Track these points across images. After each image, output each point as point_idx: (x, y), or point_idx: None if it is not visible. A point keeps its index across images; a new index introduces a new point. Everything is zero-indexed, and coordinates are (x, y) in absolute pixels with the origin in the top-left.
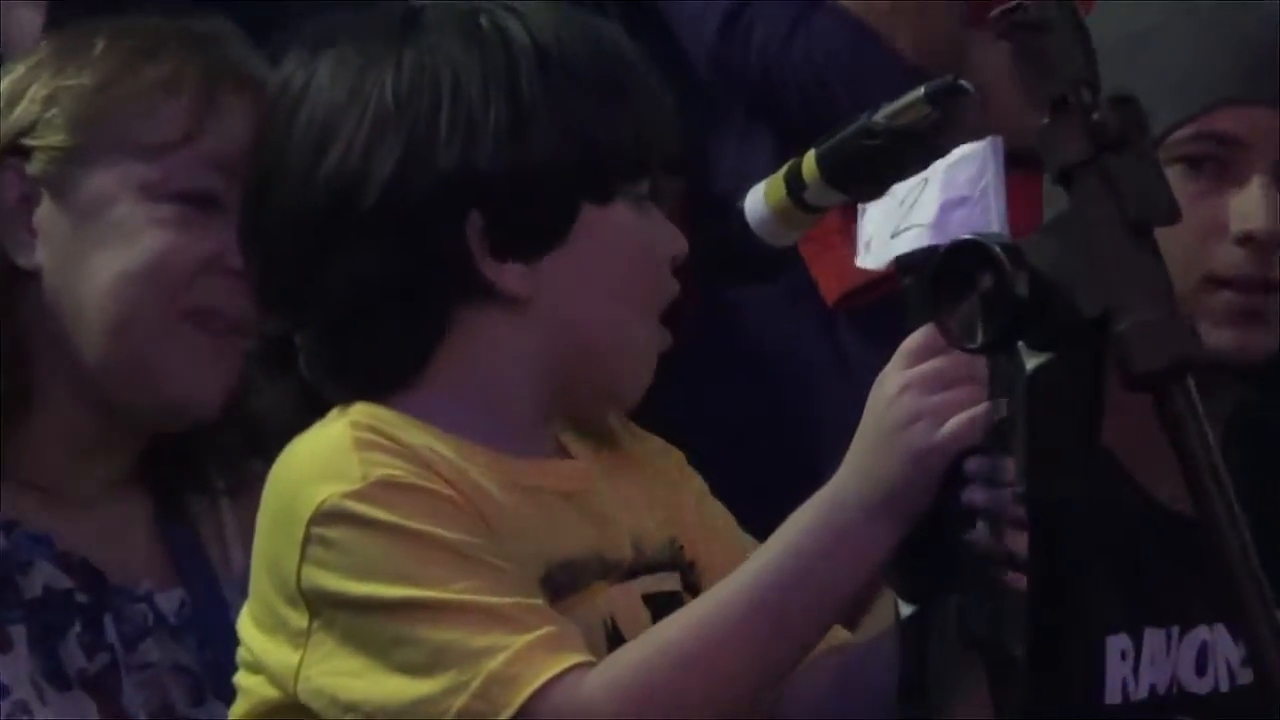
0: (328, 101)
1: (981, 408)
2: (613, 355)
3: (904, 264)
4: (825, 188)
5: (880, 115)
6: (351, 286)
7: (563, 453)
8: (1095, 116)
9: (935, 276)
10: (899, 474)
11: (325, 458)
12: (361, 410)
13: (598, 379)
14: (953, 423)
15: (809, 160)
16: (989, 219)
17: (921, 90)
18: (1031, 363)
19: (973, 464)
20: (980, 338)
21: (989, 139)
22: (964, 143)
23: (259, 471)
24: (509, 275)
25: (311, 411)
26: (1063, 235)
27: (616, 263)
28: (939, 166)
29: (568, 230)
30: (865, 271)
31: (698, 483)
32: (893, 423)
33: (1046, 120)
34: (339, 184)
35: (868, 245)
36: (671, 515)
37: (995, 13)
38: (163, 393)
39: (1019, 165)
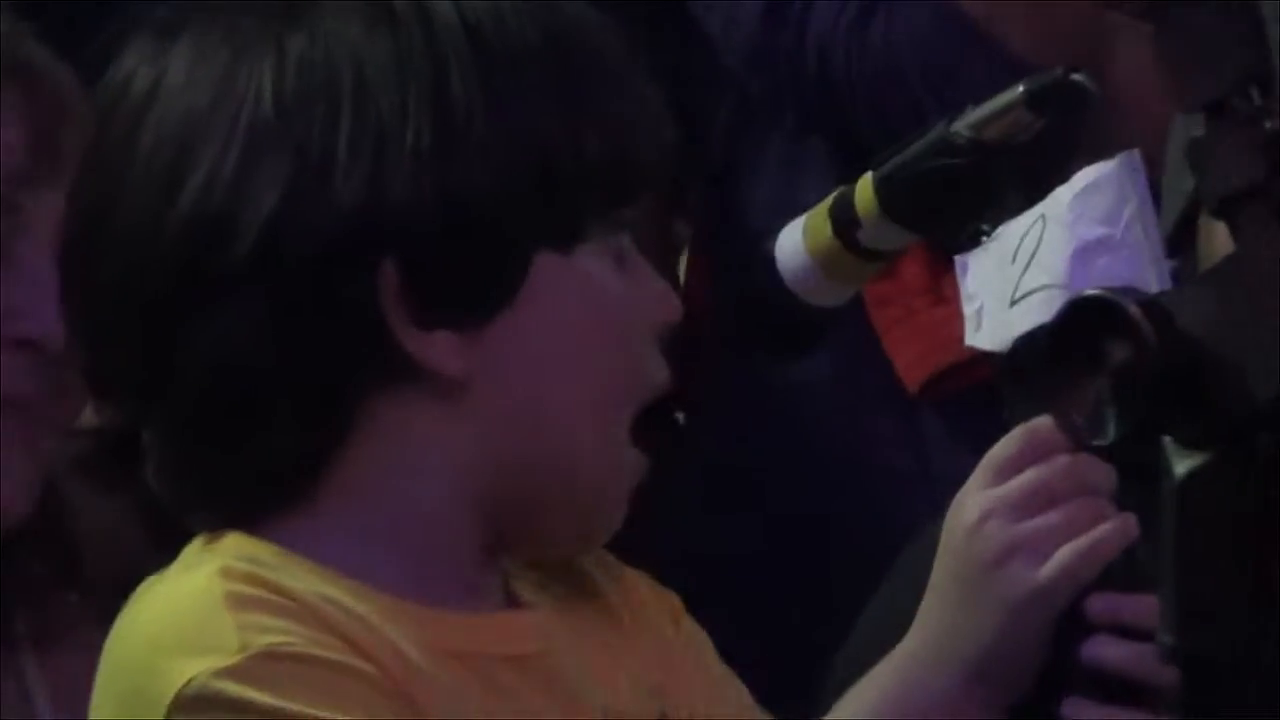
0: (183, 111)
1: (1102, 531)
2: (578, 468)
3: (1022, 350)
4: (886, 224)
5: (963, 124)
6: (215, 368)
7: (512, 602)
8: (1269, 125)
9: (1049, 348)
10: (992, 628)
11: (190, 620)
12: (234, 548)
13: (556, 502)
14: (1061, 555)
15: (864, 187)
16: (1143, 265)
17: (1020, 89)
18: (1183, 466)
19: (1096, 606)
20: (1111, 431)
21: (1123, 154)
22: (1087, 163)
23: (73, 610)
24: (437, 348)
25: (156, 534)
26: (1225, 288)
27: (583, 334)
28: (1060, 198)
29: (517, 286)
30: (957, 347)
31: (699, 639)
32: (979, 561)
33: (1202, 132)
34: (198, 227)
35: (978, 316)
36: (660, 683)
37: None
38: None
39: None
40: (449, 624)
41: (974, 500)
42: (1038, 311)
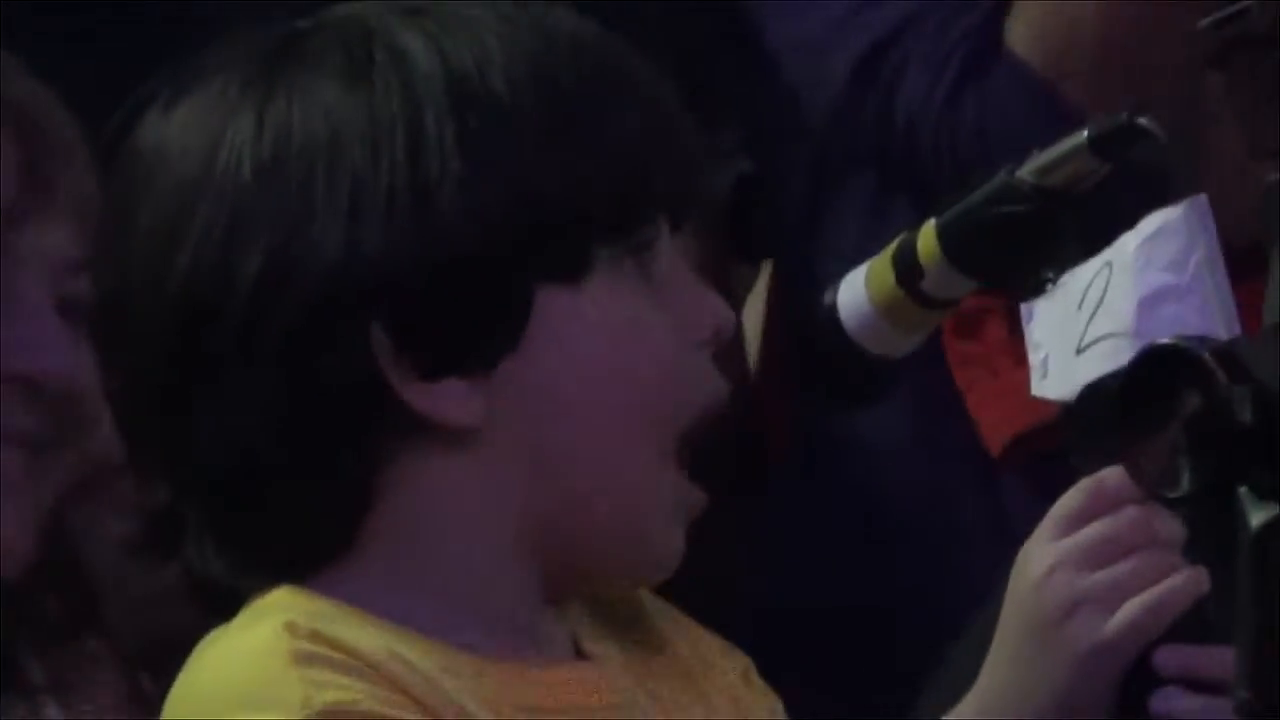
0: (174, 186)
1: (1172, 583)
2: (615, 501)
3: (1089, 399)
4: (950, 272)
5: (1026, 170)
6: (228, 444)
7: (580, 655)
8: None
9: (1121, 398)
10: (1058, 682)
11: (254, 675)
12: (293, 604)
13: (595, 543)
14: (1129, 608)
15: (927, 235)
16: (1211, 313)
17: (1084, 134)
18: (1259, 517)
19: (1165, 659)
20: (1185, 483)
21: (1190, 199)
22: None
23: (92, 656)
24: (445, 399)
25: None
26: None
27: (601, 365)
28: (1126, 245)
29: (520, 327)
30: (1042, 409)
31: (771, 699)
32: (1044, 615)
33: (1274, 177)
34: (188, 307)
35: (1044, 365)
36: None
37: (1203, 23)
38: None
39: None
40: (513, 677)
41: (1041, 552)
42: (1104, 360)
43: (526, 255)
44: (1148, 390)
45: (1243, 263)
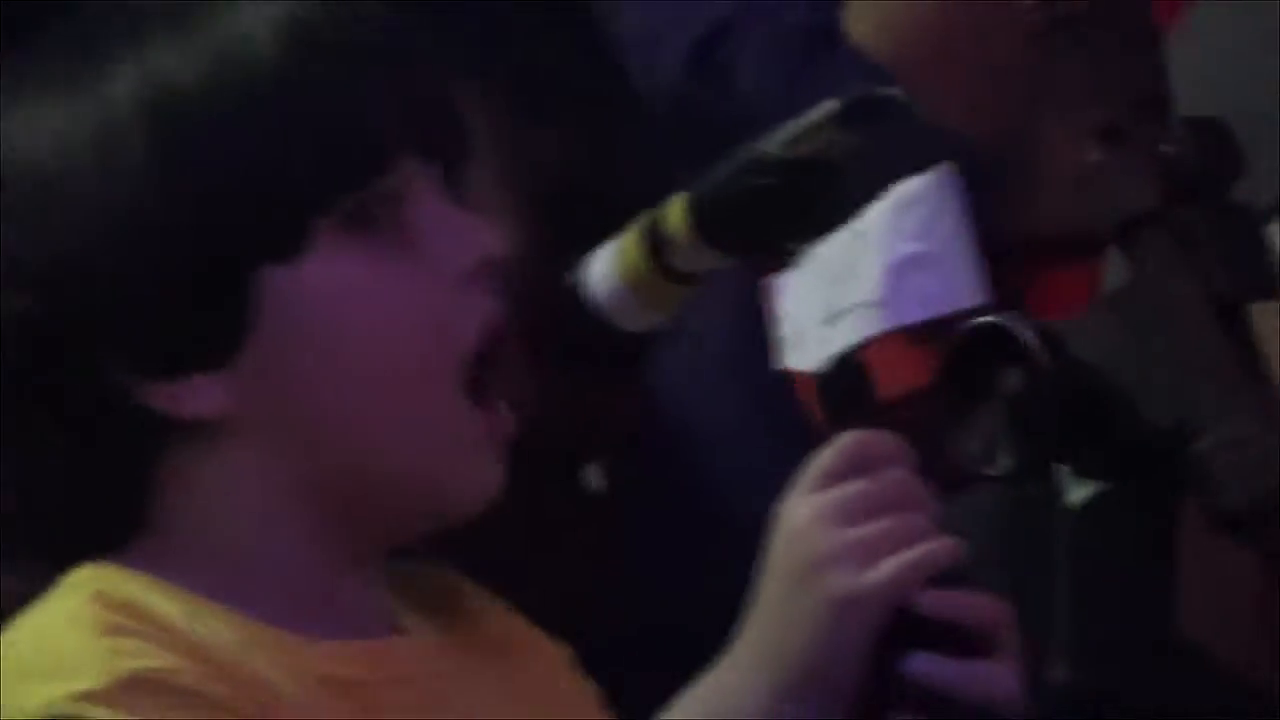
0: None
1: (930, 546)
2: (400, 457)
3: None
4: (701, 247)
5: (774, 142)
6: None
7: (392, 629)
8: (1165, 150)
9: (941, 375)
10: (811, 634)
11: (59, 645)
12: (101, 576)
13: (392, 497)
14: (888, 562)
15: (676, 210)
16: (958, 282)
17: (835, 104)
18: (1078, 495)
19: (926, 603)
20: (1004, 461)
21: (938, 169)
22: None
23: None
24: (189, 395)
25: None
26: (1121, 317)
27: (341, 330)
28: (875, 214)
29: (246, 312)
30: (916, 373)
31: (592, 692)
32: (800, 565)
33: (1097, 156)
34: None
35: (797, 336)
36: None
37: (1026, 1)
38: None
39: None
40: (322, 651)
41: (800, 505)
42: (854, 329)
43: (235, 242)
44: (967, 367)
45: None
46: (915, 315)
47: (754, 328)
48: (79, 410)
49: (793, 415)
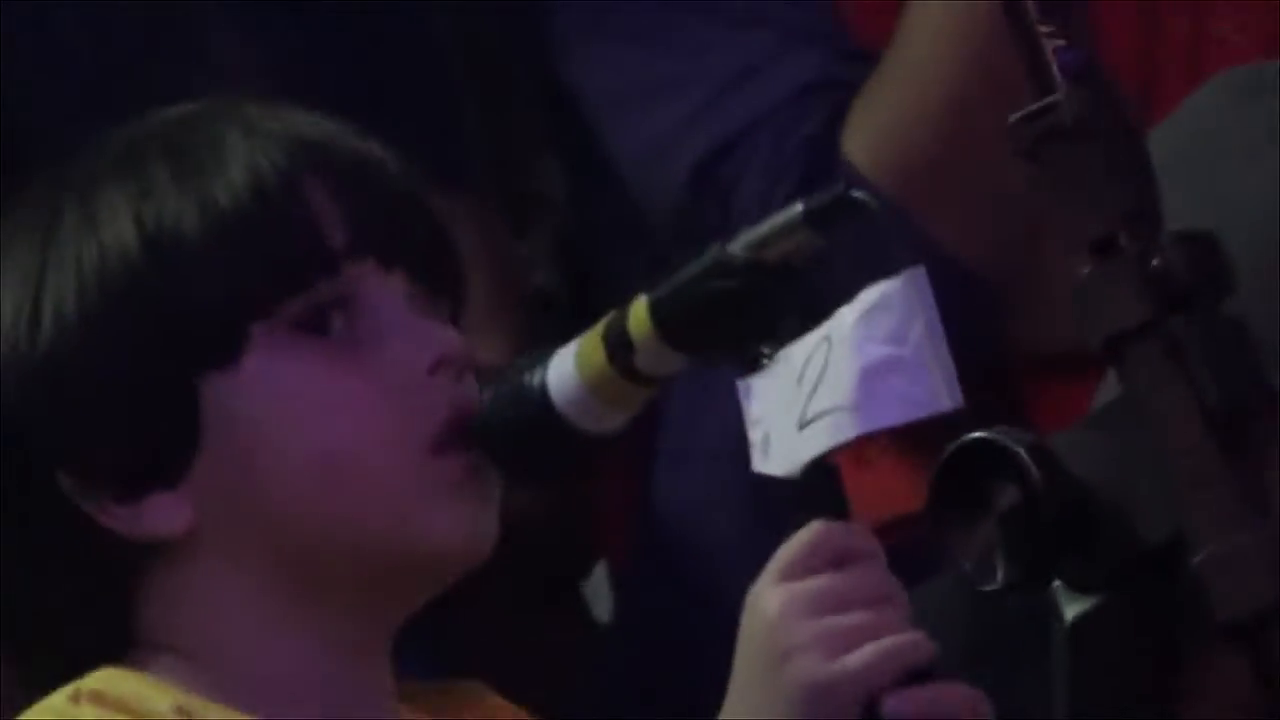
0: None
1: (905, 637)
2: (366, 537)
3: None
4: (663, 349)
5: (740, 244)
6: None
7: (390, 714)
8: (1155, 263)
9: (934, 492)
10: (787, 716)
11: None
12: (98, 677)
13: (364, 572)
14: (864, 649)
15: (638, 311)
16: (933, 385)
17: (799, 208)
18: (1073, 610)
19: (894, 703)
20: (1001, 576)
21: (908, 271)
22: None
23: None
24: (152, 515)
25: None
26: (1112, 430)
27: (287, 431)
28: (845, 318)
29: (193, 424)
30: (908, 500)
31: (505, 704)
32: (771, 654)
33: (1087, 270)
34: None
35: (765, 442)
36: None
37: (1013, 118)
38: None
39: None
40: None
41: (770, 594)
42: (827, 434)
43: (172, 352)
44: (960, 484)
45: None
46: (889, 419)
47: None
48: (48, 538)
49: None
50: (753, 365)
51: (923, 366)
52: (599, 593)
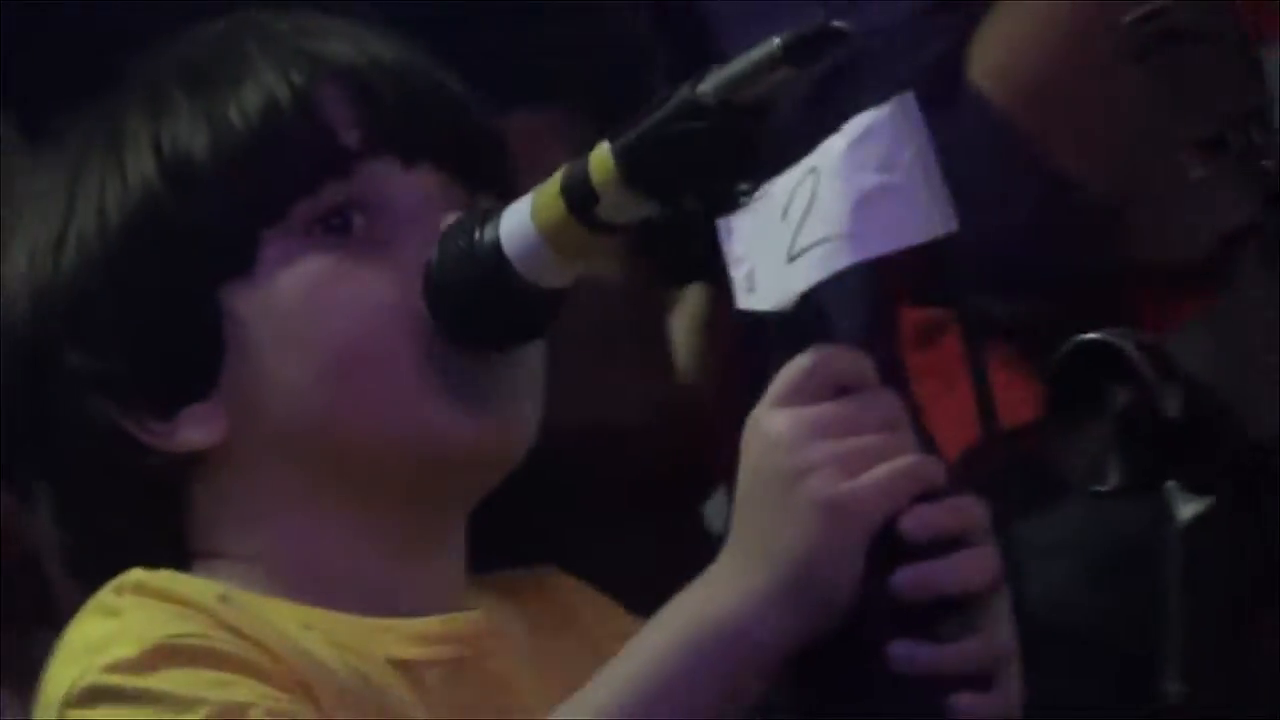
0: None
1: (917, 459)
2: (389, 428)
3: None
4: (628, 195)
5: (709, 84)
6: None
7: (458, 606)
8: (1266, 164)
9: (1048, 393)
10: (797, 544)
11: (86, 628)
12: (136, 571)
13: (398, 465)
14: (876, 470)
15: (601, 159)
16: (926, 211)
17: (775, 42)
18: (1187, 511)
19: (911, 522)
20: (1114, 477)
21: (897, 98)
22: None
23: (49, 646)
24: (187, 429)
25: None
26: (1223, 329)
27: (305, 330)
28: (832, 148)
29: (218, 335)
30: (1004, 414)
31: (577, 583)
32: (788, 470)
33: (1196, 172)
34: None
35: (750, 278)
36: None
37: (1125, 20)
38: None
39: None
40: (374, 629)
41: (778, 416)
42: (819, 265)
43: (191, 271)
44: (1073, 384)
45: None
46: (884, 246)
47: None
48: (95, 462)
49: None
50: (732, 203)
51: (916, 192)
52: (718, 517)
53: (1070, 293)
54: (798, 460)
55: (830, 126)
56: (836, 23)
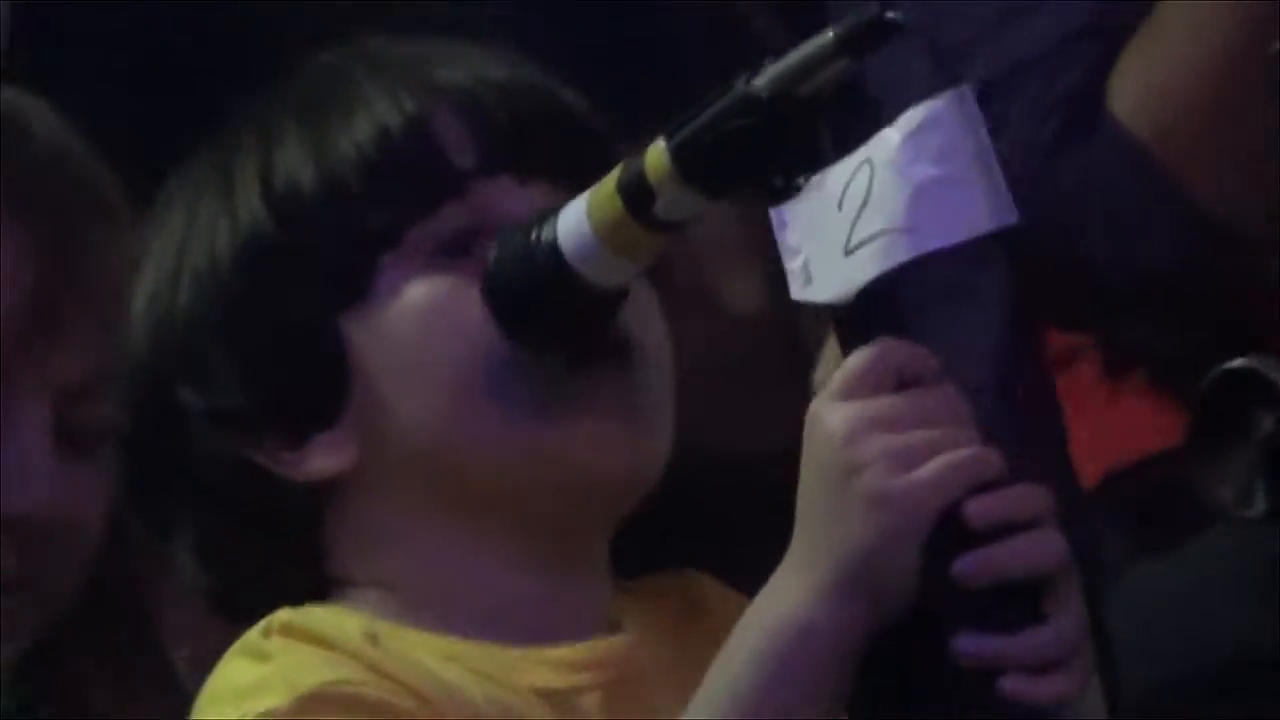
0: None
1: (978, 451)
2: (510, 452)
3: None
4: (684, 192)
5: (764, 79)
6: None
7: (603, 628)
8: None
9: (1194, 418)
10: (860, 536)
11: (235, 673)
12: (285, 610)
13: (529, 488)
14: (937, 461)
15: (657, 155)
16: (987, 203)
17: (830, 34)
18: None
19: (975, 508)
20: (1262, 503)
21: (954, 90)
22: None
23: (149, 675)
24: (317, 457)
25: None
26: None
27: (435, 349)
28: (889, 140)
29: (341, 364)
30: (1132, 450)
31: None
32: (844, 466)
33: None
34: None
35: (805, 270)
36: None
37: (1274, 48)
38: None
39: None
40: (507, 659)
41: (837, 410)
42: (877, 258)
43: (308, 303)
44: (1220, 410)
45: None
46: (943, 239)
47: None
48: (230, 495)
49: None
50: (786, 193)
51: (976, 184)
52: None
53: (1212, 321)
54: (854, 454)
55: None
56: (891, 14)
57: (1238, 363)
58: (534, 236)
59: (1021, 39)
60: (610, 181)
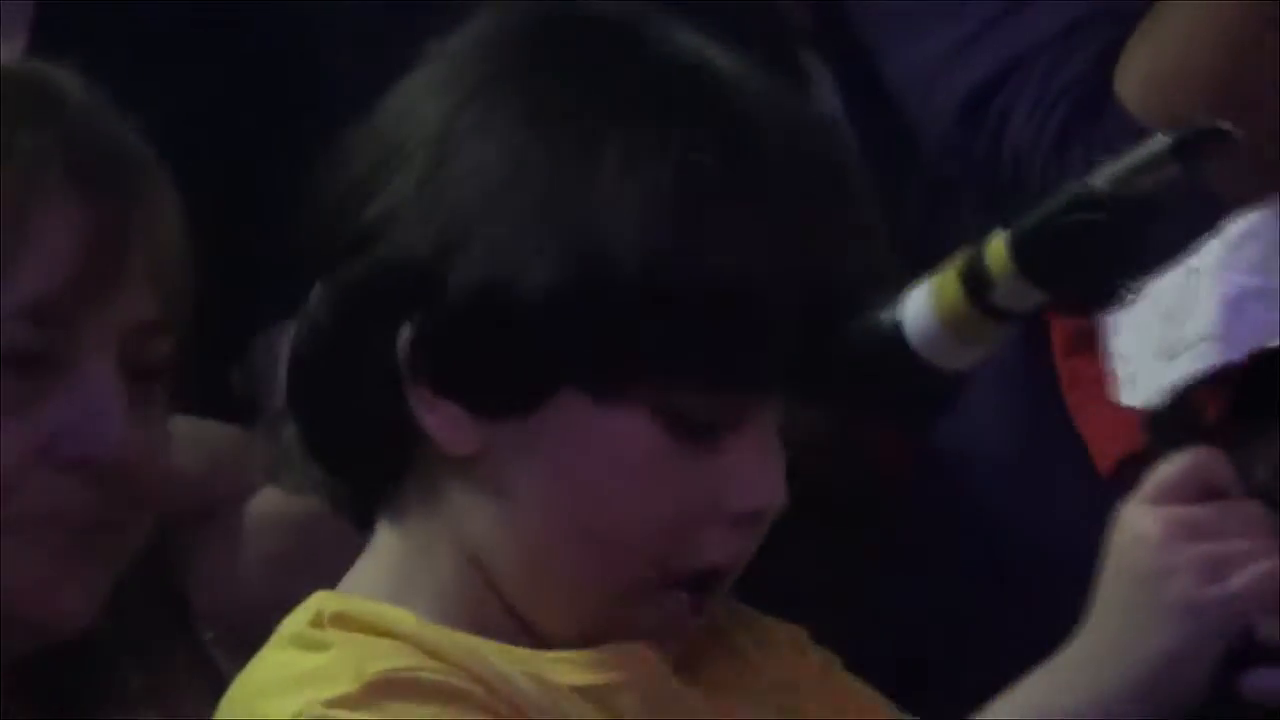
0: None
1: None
2: (546, 599)
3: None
4: (1022, 284)
5: (1102, 178)
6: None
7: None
8: None
9: (1233, 401)
10: (1158, 642)
11: (289, 662)
12: (326, 597)
13: (516, 598)
14: (1246, 573)
15: (996, 248)
16: None
17: (1165, 140)
18: None
19: (1272, 629)
20: None
21: (1275, 204)
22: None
23: (186, 662)
24: (443, 417)
25: None
26: None
27: (590, 490)
28: (1211, 249)
29: (534, 406)
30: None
31: (822, 656)
32: (1148, 571)
33: None
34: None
35: (1130, 375)
36: (787, 703)
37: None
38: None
39: None
40: (540, 658)
41: (1150, 515)
42: (1192, 364)
43: (571, 343)
44: (1259, 393)
45: None
46: (1248, 346)
47: (1024, 367)
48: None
49: (1069, 452)
50: (1117, 300)
51: None
52: None
53: None
54: (1166, 559)
55: (985, 138)
56: (1222, 123)
57: (1275, 343)
58: (883, 317)
59: (1024, 31)
60: (954, 269)
